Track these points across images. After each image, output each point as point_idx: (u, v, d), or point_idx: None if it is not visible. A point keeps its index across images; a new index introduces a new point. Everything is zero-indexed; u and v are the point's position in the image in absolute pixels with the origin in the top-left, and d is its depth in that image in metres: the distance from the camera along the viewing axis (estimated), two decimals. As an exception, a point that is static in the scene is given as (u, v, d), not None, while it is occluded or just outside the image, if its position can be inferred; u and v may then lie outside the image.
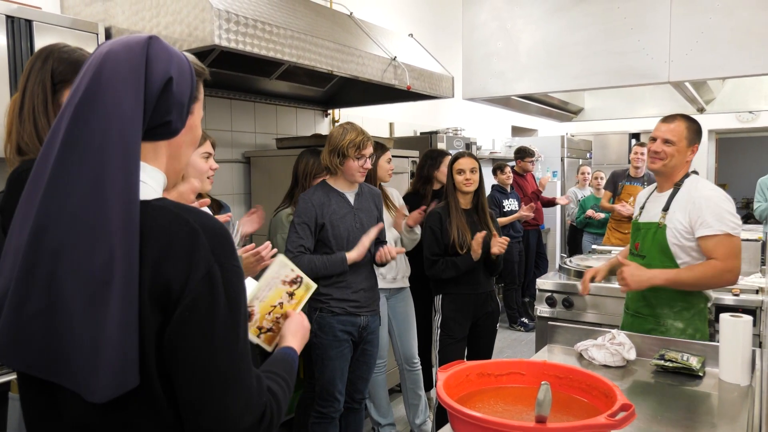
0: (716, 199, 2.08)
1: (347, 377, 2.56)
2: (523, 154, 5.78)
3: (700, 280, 2.07)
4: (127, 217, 0.79)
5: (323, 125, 4.38)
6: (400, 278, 3.18)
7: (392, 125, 5.15)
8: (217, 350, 0.82)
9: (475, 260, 2.74)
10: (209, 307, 0.81)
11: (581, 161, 7.40)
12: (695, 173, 2.24)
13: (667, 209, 2.16)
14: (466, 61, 2.96)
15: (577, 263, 3.31)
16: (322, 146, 2.57)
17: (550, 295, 3.11)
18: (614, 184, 5.22)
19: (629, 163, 5.20)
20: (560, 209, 6.88)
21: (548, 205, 5.94)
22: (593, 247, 4.29)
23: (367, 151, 2.44)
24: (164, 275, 0.80)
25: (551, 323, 2.15)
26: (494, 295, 2.96)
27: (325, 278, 2.43)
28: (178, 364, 0.81)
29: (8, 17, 2.13)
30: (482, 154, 6.27)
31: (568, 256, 3.91)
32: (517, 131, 7.80)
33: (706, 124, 8.03)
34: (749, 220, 7.07)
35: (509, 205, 5.29)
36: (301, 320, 1.19)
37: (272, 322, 1.18)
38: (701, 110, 4.15)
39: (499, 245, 2.73)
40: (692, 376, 1.76)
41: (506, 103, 3.51)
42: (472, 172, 2.81)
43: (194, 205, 1.20)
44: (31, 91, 1.42)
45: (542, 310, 3.13)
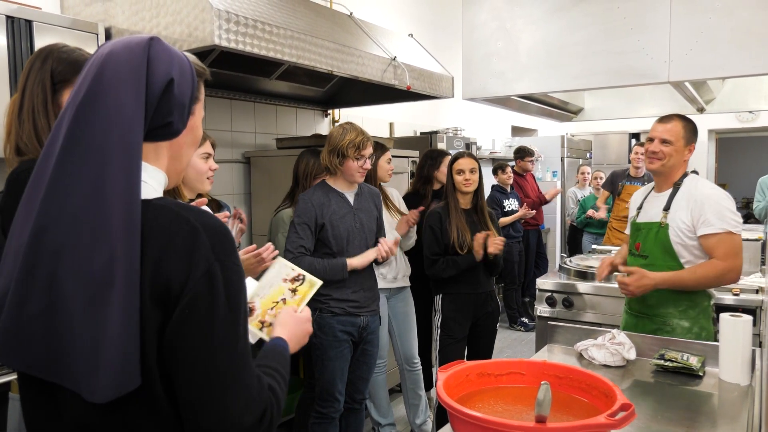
0: (717, 197, 2.10)
1: (347, 377, 2.56)
2: (522, 153, 5.78)
3: (701, 280, 2.09)
4: (128, 217, 0.79)
5: (323, 125, 4.38)
6: (400, 278, 3.18)
7: (392, 125, 5.15)
8: (217, 349, 0.81)
9: (477, 260, 2.75)
10: (209, 305, 0.81)
11: (581, 161, 7.40)
12: (695, 173, 2.24)
13: (668, 209, 2.16)
14: (466, 61, 2.96)
15: (577, 263, 3.31)
16: (322, 146, 2.57)
17: (550, 295, 3.11)
18: (613, 183, 5.22)
19: (629, 162, 5.20)
20: (560, 209, 6.88)
21: (547, 201, 5.93)
22: (593, 246, 4.29)
23: (366, 151, 2.44)
24: (165, 274, 0.80)
25: (551, 323, 2.15)
26: (494, 294, 2.96)
27: (322, 280, 2.43)
28: (177, 363, 0.81)
29: (8, 17, 2.13)
30: (482, 154, 6.27)
31: (568, 256, 3.91)
32: (517, 131, 7.80)
33: (706, 123, 8.07)
34: (749, 219, 7.07)
35: (509, 205, 5.29)
36: (292, 312, 1.16)
37: (274, 317, 1.18)
38: (701, 110, 4.15)
39: (495, 245, 2.73)
40: (692, 375, 1.76)
41: (506, 103, 3.51)
42: (471, 172, 2.81)
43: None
44: (30, 91, 1.42)
45: (542, 309, 3.13)
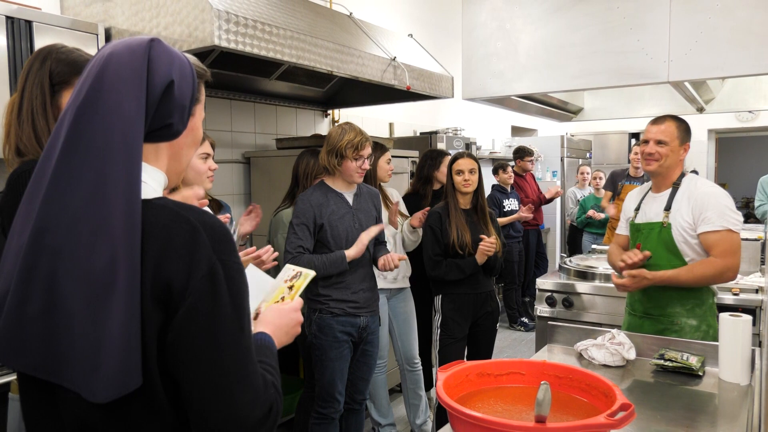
0: (717, 195, 2.13)
1: (347, 378, 2.56)
2: (522, 153, 5.77)
3: (699, 279, 2.10)
4: (128, 217, 0.79)
5: (323, 125, 4.38)
6: (400, 278, 3.18)
7: (392, 125, 5.15)
8: (222, 347, 0.82)
9: (480, 265, 2.76)
10: (213, 304, 0.81)
11: (581, 161, 7.40)
12: (695, 172, 2.25)
13: (668, 208, 2.18)
14: (465, 61, 2.96)
15: (577, 263, 3.31)
16: (321, 147, 2.57)
17: (550, 294, 3.11)
18: (614, 183, 5.23)
19: (629, 162, 5.20)
20: (560, 209, 6.88)
21: (547, 201, 5.93)
22: (593, 246, 4.29)
23: (365, 151, 2.43)
24: (165, 273, 0.80)
25: (551, 323, 2.15)
26: (494, 294, 2.96)
27: (324, 279, 2.43)
28: (183, 363, 0.81)
29: (8, 18, 2.13)
30: (482, 154, 6.27)
31: (568, 255, 3.91)
32: (516, 131, 7.80)
33: (705, 123, 8.08)
34: (749, 219, 7.07)
35: (509, 204, 5.29)
36: (273, 307, 1.11)
37: None
38: (701, 110, 4.15)
39: (487, 246, 2.71)
40: (692, 375, 1.76)
41: (506, 103, 3.51)
42: (471, 172, 2.81)
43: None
44: (29, 92, 1.42)
45: (542, 309, 3.13)
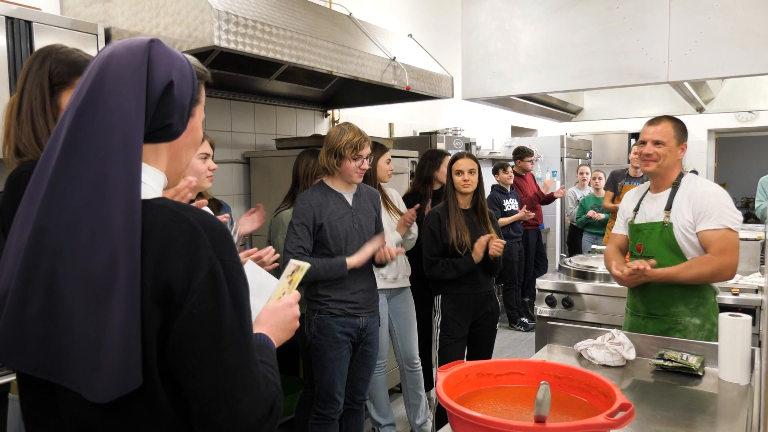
0: (717, 194, 2.14)
1: (347, 378, 2.56)
2: (522, 154, 5.77)
3: (697, 277, 2.11)
4: (128, 217, 0.79)
5: (323, 126, 4.38)
6: (400, 278, 3.18)
7: (392, 125, 5.15)
8: (224, 347, 0.82)
9: (476, 263, 2.75)
10: (215, 304, 0.82)
11: (581, 161, 7.40)
12: (695, 172, 2.25)
13: (669, 208, 2.19)
14: (465, 61, 2.96)
15: (576, 263, 3.31)
16: (321, 147, 2.57)
17: (549, 295, 3.11)
18: (614, 183, 5.23)
19: (628, 163, 5.20)
20: (560, 209, 6.88)
21: (548, 201, 5.93)
22: (593, 246, 4.29)
23: (364, 151, 2.43)
24: (166, 274, 0.80)
25: (551, 323, 2.15)
26: (494, 294, 2.96)
27: (323, 280, 2.43)
28: (185, 363, 0.81)
29: (8, 18, 2.13)
30: (482, 154, 6.27)
31: (567, 255, 3.91)
32: (516, 131, 7.80)
33: (705, 123, 8.08)
34: (749, 219, 7.08)
35: (509, 205, 5.29)
36: (272, 307, 1.09)
37: None
38: (700, 110, 4.15)
39: (494, 247, 2.73)
40: (692, 375, 1.76)
41: (505, 103, 3.52)
42: (470, 173, 2.81)
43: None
44: (29, 92, 1.42)
45: (542, 309, 3.13)
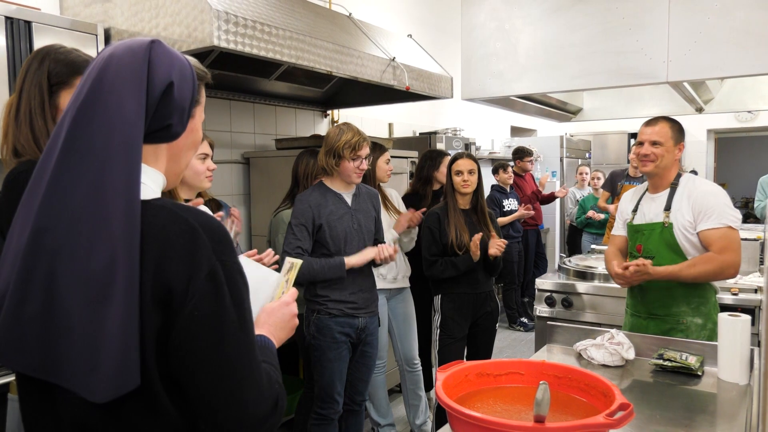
0: (716, 194, 2.15)
1: (347, 379, 2.56)
2: (521, 154, 5.78)
3: (701, 275, 2.11)
4: (128, 218, 0.79)
5: (322, 126, 4.38)
6: (400, 278, 3.18)
7: (391, 126, 5.15)
8: (227, 347, 0.83)
9: (474, 261, 2.75)
10: (216, 305, 0.82)
11: (580, 161, 7.41)
12: (694, 173, 2.26)
13: (669, 208, 2.19)
14: (464, 61, 2.96)
15: (576, 263, 3.31)
16: (321, 147, 2.57)
17: (549, 295, 3.11)
18: (612, 184, 5.23)
19: (628, 162, 5.20)
20: (559, 209, 6.89)
21: (548, 200, 5.93)
22: (592, 246, 4.30)
23: (362, 152, 2.43)
24: (165, 275, 0.80)
25: (550, 323, 2.15)
26: (493, 294, 2.96)
27: (322, 280, 2.43)
28: (188, 364, 0.82)
29: (7, 18, 2.13)
30: (481, 154, 6.27)
31: (567, 256, 3.91)
32: (516, 131, 7.80)
33: (705, 123, 8.08)
34: (748, 219, 7.08)
35: (509, 204, 5.29)
36: (270, 307, 1.09)
37: None
38: (700, 110, 4.15)
39: (496, 246, 2.74)
40: (691, 375, 1.76)
41: (505, 103, 3.51)
42: (470, 173, 2.81)
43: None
44: (27, 93, 1.42)
45: (541, 309, 3.13)
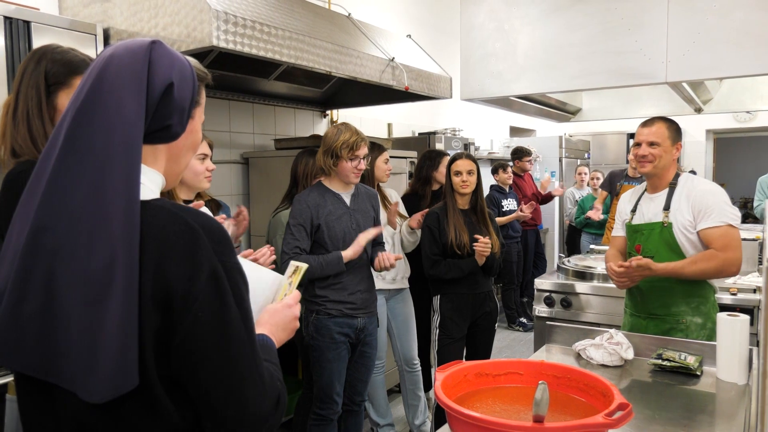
0: (715, 193, 2.15)
1: (346, 379, 2.56)
2: (520, 154, 5.78)
3: (703, 272, 2.11)
4: (127, 218, 0.79)
5: (321, 126, 4.38)
6: (399, 279, 3.18)
7: (390, 126, 5.15)
8: (230, 347, 0.83)
9: (480, 264, 2.77)
10: (219, 306, 0.82)
11: (579, 161, 7.41)
12: (693, 173, 2.25)
13: (668, 208, 2.19)
14: (464, 61, 2.96)
15: (575, 263, 3.31)
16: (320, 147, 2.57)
17: (548, 295, 3.11)
18: (611, 184, 5.23)
19: (627, 163, 5.21)
20: (558, 209, 6.89)
21: (547, 200, 5.92)
22: (591, 247, 4.30)
23: (360, 152, 2.42)
24: (165, 275, 0.80)
25: (549, 323, 2.15)
26: (493, 295, 2.97)
27: (321, 280, 2.43)
28: (192, 365, 0.82)
29: (6, 18, 2.13)
30: (480, 154, 6.27)
31: (566, 256, 3.91)
32: (515, 131, 7.81)
33: (703, 124, 8.09)
34: (747, 219, 7.09)
35: (508, 204, 5.29)
36: (272, 308, 1.10)
37: None
38: (699, 110, 4.15)
39: (482, 246, 2.71)
40: (690, 375, 1.77)
41: (504, 103, 3.51)
42: (469, 173, 2.81)
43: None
44: (24, 93, 1.41)
45: (540, 310, 3.13)
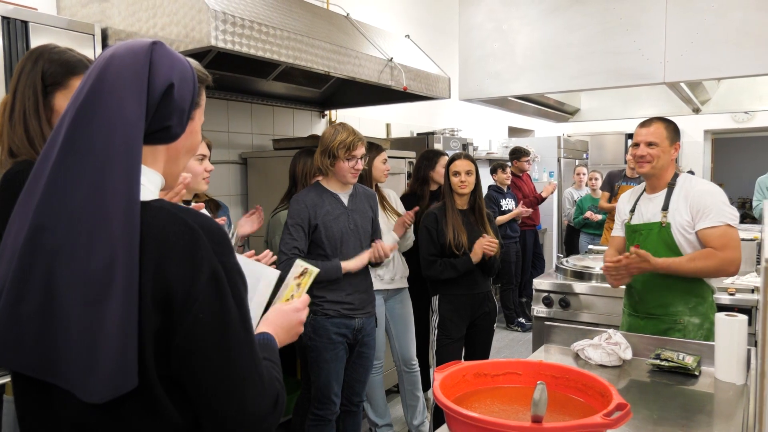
0: (713, 193, 2.16)
1: (344, 380, 2.56)
2: (518, 154, 5.78)
3: (701, 270, 2.12)
4: (127, 218, 0.79)
5: (320, 126, 4.38)
6: (398, 279, 3.18)
7: (389, 126, 5.15)
8: (231, 348, 0.84)
9: (474, 263, 2.76)
10: (220, 307, 0.83)
11: (577, 162, 7.41)
12: (691, 173, 2.26)
13: (666, 208, 2.20)
14: (462, 61, 2.96)
15: (573, 263, 3.32)
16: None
17: (546, 295, 3.11)
18: (611, 184, 5.24)
19: (625, 163, 5.21)
20: (557, 209, 6.89)
21: (541, 200, 5.91)
22: (590, 247, 4.31)
23: (358, 152, 2.42)
24: (166, 276, 0.80)
25: (548, 323, 2.15)
26: (491, 295, 2.97)
27: (317, 282, 2.42)
28: (192, 365, 0.82)
29: (4, 18, 2.12)
30: (479, 154, 6.27)
31: (564, 256, 3.92)
32: (513, 132, 7.81)
33: (701, 124, 8.10)
34: (745, 219, 7.10)
35: (506, 204, 5.30)
36: (278, 308, 1.14)
37: None
38: (697, 110, 4.16)
39: (487, 246, 2.72)
40: (688, 375, 1.77)
41: (503, 103, 3.52)
42: (467, 174, 2.81)
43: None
44: (21, 93, 1.41)
45: (539, 310, 3.14)
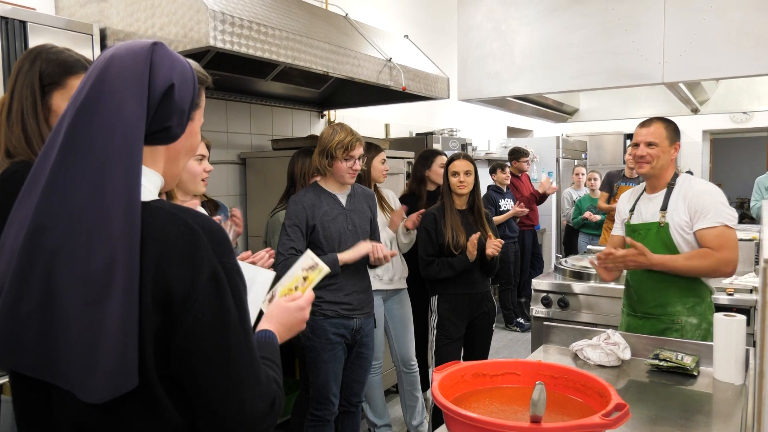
0: (712, 193, 2.16)
1: (343, 380, 2.55)
2: (517, 154, 5.78)
3: (697, 269, 2.12)
4: (128, 218, 0.79)
5: (319, 126, 4.38)
6: (397, 279, 3.18)
7: (388, 126, 5.15)
8: (230, 349, 0.84)
9: (470, 261, 2.75)
10: (220, 307, 0.83)
11: (576, 162, 7.41)
12: (690, 173, 2.26)
13: (665, 208, 2.20)
14: (461, 62, 2.96)
15: (572, 264, 3.32)
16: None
17: (545, 295, 3.12)
18: (610, 184, 5.24)
19: (624, 163, 5.22)
20: (556, 210, 6.90)
21: (543, 199, 5.90)
22: (589, 247, 4.31)
23: (355, 152, 2.41)
24: (166, 276, 0.80)
25: (547, 323, 2.15)
26: (490, 295, 2.97)
27: None
28: (193, 364, 0.82)
29: (2, 18, 2.12)
30: (478, 154, 6.28)
31: (563, 256, 3.92)
32: (512, 132, 7.82)
33: (700, 124, 8.11)
34: (744, 219, 7.10)
35: (505, 204, 5.30)
36: (281, 303, 1.13)
37: None
38: (695, 111, 4.16)
39: (493, 246, 2.74)
40: (687, 375, 1.77)
41: (501, 103, 3.52)
42: (466, 174, 2.81)
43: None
44: (19, 93, 1.41)
45: (538, 310, 3.14)
